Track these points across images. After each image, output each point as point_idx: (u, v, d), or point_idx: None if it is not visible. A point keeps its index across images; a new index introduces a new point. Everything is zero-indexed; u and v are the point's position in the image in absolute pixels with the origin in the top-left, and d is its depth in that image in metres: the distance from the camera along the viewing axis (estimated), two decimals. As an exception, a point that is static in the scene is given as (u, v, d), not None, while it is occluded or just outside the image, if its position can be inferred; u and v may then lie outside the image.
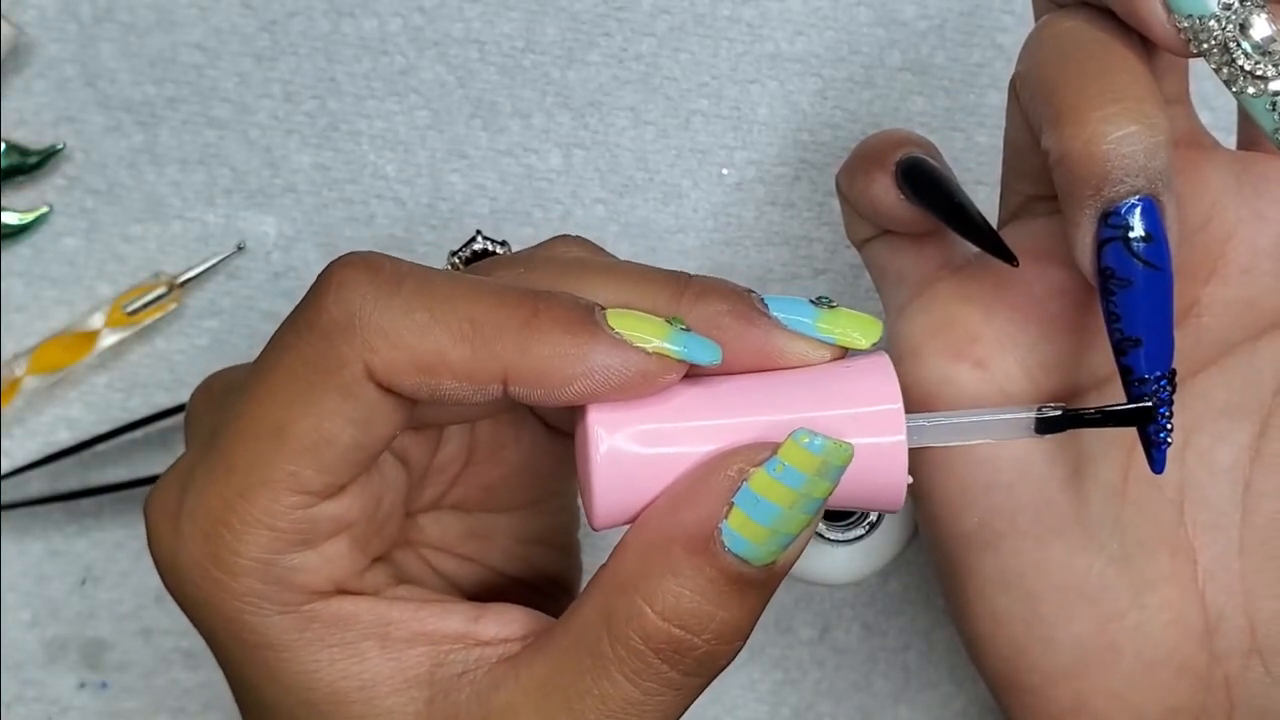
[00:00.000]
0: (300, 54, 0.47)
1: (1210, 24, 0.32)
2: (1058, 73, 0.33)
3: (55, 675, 0.47)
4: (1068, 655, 0.36)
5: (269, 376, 0.29)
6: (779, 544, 0.29)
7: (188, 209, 0.47)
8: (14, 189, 0.47)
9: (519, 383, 0.29)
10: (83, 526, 0.47)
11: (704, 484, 0.29)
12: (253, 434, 0.29)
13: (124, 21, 0.47)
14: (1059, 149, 0.32)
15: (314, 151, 0.47)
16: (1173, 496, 0.36)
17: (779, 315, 0.31)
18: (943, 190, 0.36)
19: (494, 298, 0.29)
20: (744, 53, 0.47)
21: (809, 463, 0.29)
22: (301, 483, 0.29)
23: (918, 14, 0.47)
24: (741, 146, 0.47)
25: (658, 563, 0.29)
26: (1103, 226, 0.32)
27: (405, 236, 0.47)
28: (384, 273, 0.29)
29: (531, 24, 0.47)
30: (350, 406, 0.29)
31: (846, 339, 0.31)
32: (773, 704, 0.47)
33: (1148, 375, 0.33)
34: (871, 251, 0.39)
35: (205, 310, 0.47)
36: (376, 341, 0.28)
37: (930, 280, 0.37)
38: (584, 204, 0.47)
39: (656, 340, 0.29)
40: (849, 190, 0.38)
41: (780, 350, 0.30)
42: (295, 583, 0.30)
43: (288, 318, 0.30)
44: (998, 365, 0.36)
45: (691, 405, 0.30)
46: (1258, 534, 0.36)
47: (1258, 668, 0.36)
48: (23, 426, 0.47)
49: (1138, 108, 0.32)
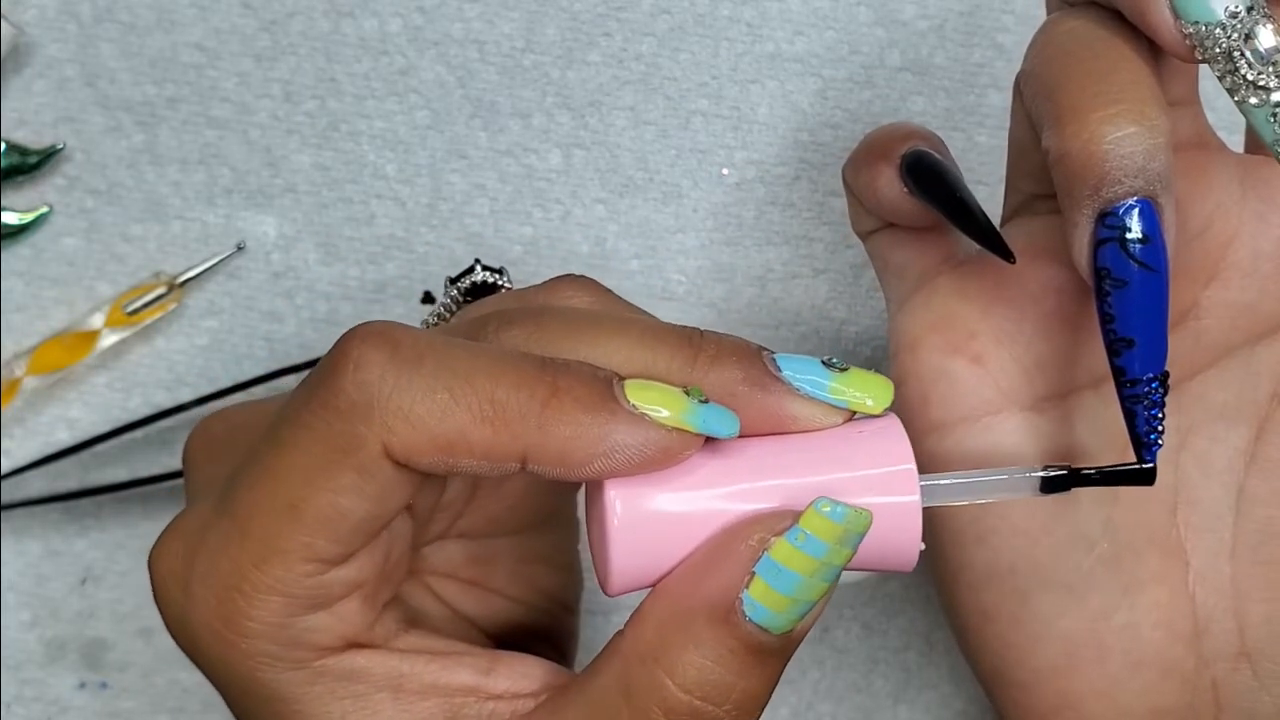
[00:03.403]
0: (300, 54, 0.47)
1: (1216, 32, 0.32)
2: (1060, 72, 0.33)
3: (55, 675, 0.47)
4: (1056, 652, 0.36)
5: (287, 453, 0.29)
6: (799, 612, 0.29)
7: (188, 209, 0.47)
8: (14, 189, 0.47)
9: (539, 462, 0.29)
10: (83, 526, 0.47)
11: (725, 553, 0.29)
12: (269, 507, 0.29)
13: (124, 21, 0.47)
14: (1059, 148, 0.32)
15: (314, 151, 0.47)
16: (1165, 498, 0.36)
17: (791, 376, 0.30)
18: (945, 185, 0.36)
19: (515, 375, 0.29)
20: (744, 53, 0.47)
21: (830, 531, 0.29)
22: (316, 553, 0.29)
23: (917, 14, 0.47)
24: (741, 146, 0.47)
25: (678, 634, 0.29)
26: (1100, 227, 0.32)
27: (405, 236, 0.47)
28: (403, 349, 0.29)
29: (531, 24, 0.47)
30: (366, 484, 0.29)
31: (858, 404, 0.31)
32: (772, 704, 0.47)
33: (1140, 376, 0.33)
34: (875, 244, 0.39)
35: (205, 310, 0.47)
36: (395, 423, 0.28)
37: (931, 274, 0.37)
38: (584, 204, 0.47)
39: (675, 413, 0.29)
40: (854, 182, 0.38)
41: (794, 417, 0.30)
42: (308, 642, 0.30)
43: (305, 386, 0.30)
44: (994, 361, 0.36)
45: (706, 471, 0.30)
46: (1249, 538, 0.36)
47: (1246, 671, 0.36)
48: (22, 426, 0.47)
49: (1138, 109, 0.32)
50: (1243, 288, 0.35)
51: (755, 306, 0.47)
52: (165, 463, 0.47)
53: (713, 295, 0.47)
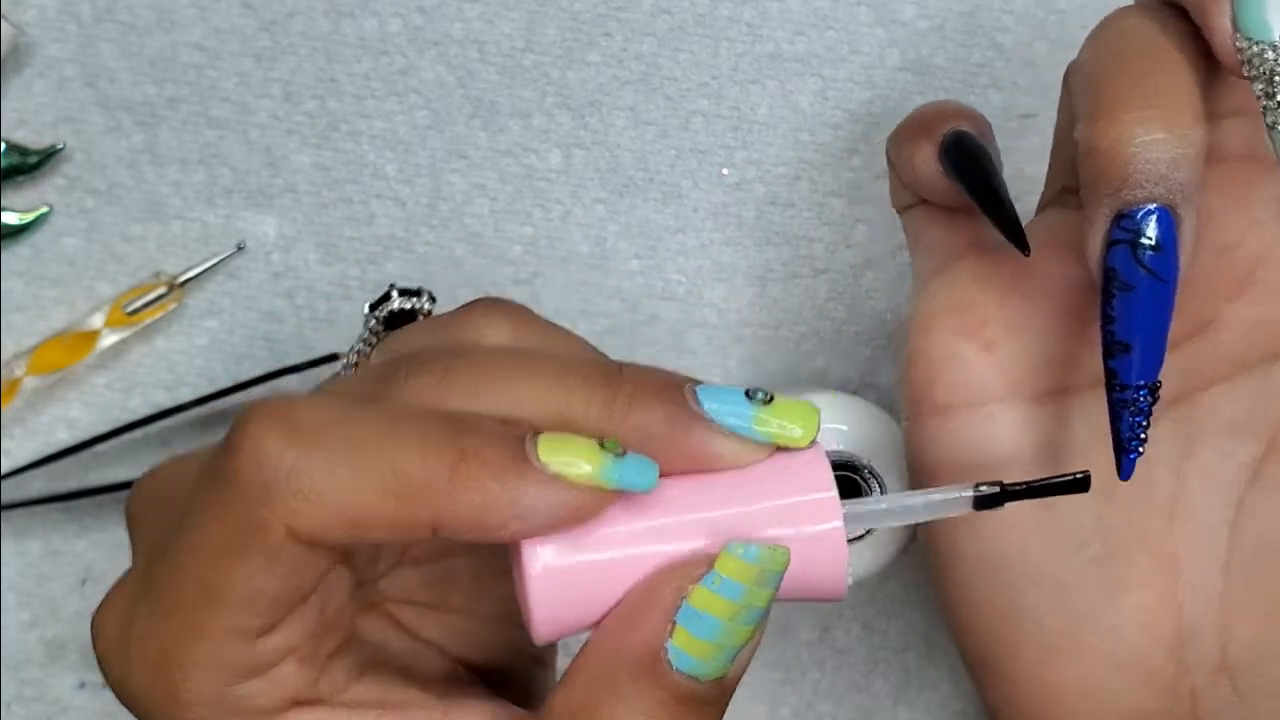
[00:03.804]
0: (300, 54, 0.47)
1: (1267, 53, 0.32)
2: (1105, 67, 0.33)
3: (55, 675, 0.47)
4: (1040, 646, 0.36)
5: (196, 535, 0.28)
6: (726, 657, 0.29)
7: (188, 209, 0.47)
8: (14, 189, 0.47)
9: (449, 529, 0.28)
10: (82, 526, 0.47)
11: (644, 605, 0.28)
12: (187, 588, 0.28)
13: (124, 21, 0.47)
14: (1088, 142, 0.32)
15: (314, 151, 0.47)
16: (1164, 505, 0.36)
17: (713, 410, 0.29)
18: (979, 169, 0.36)
19: (419, 443, 0.28)
20: (744, 53, 0.47)
21: (746, 573, 0.28)
22: (239, 628, 0.28)
23: (918, 14, 0.47)
24: (741, 146, 0.47)
25: (606, 692, 0.28)
26: (1115, 227, 0.32)
27: (405, 236, 0.47)
28: (301, 427, 0.28)
29: (531, 24, 0.47)
30: (275, 564, 0.28)
31: (784, 436, 0.30)
32: (772, 704, 0.47)
33: (1130, 383, 0.33)
34: (909, 219, 0.39)
35: (205, 310, 0.47)
36: (297, 504, 0.27)
37: (956, 257, 0.38)
38: (584, 204, 0.47)
39: (589, 467, 0.28)
40: (895, 155, 0.38)
41: (718, 455, 0.29)
42: (248, 707, 0.29)
43: (209, 465, 0.29)
44: (1004, 350, 0.36)
45: (624, 514, 0.29)
46: (1243, 554, 0.36)
47: (1226, 685, 0.36)
48: (22, 426, 0.47)
49: (1172, 116, 0.32)
50: (1267, 306, 0.35)
51: (755, 306, 0.47)
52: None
53: (713, 295, 0.47)
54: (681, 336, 0.47)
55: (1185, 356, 0.36)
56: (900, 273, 0.47)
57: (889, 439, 0.42)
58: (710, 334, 0.47)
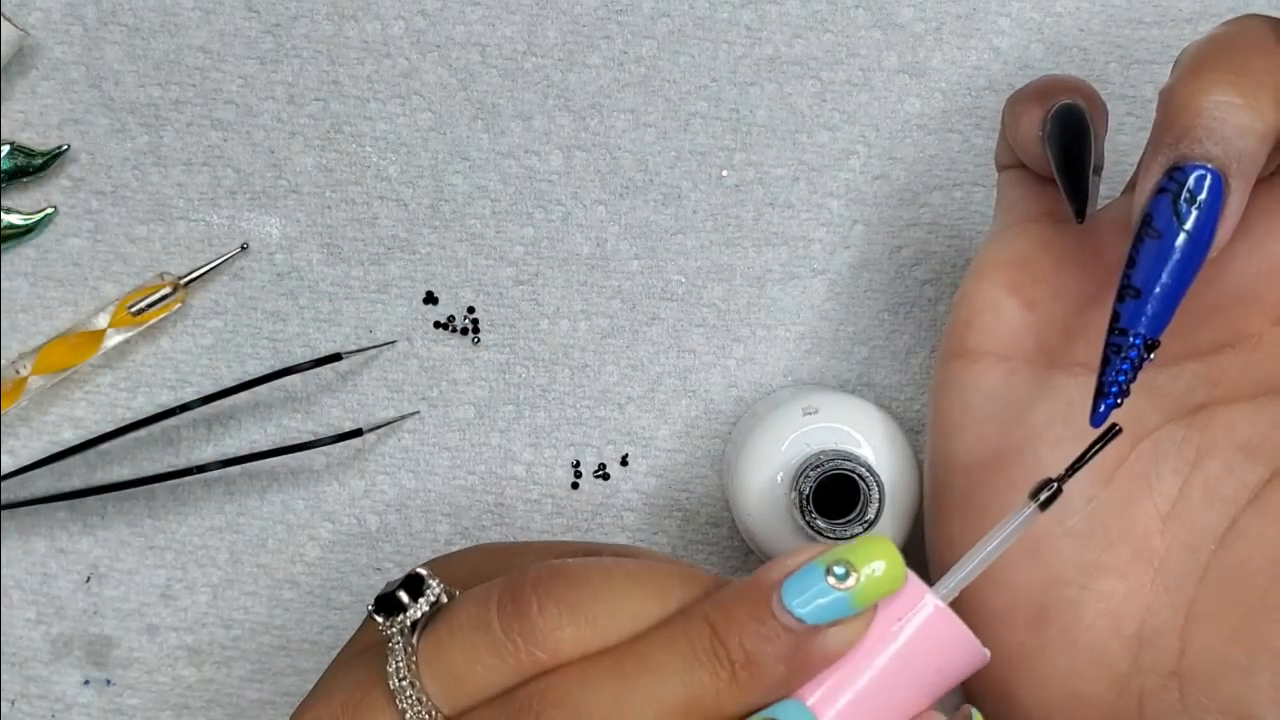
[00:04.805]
0: (304, 56, 0.47)
1: None
2: (1210, 42, 0.33)
3: (60, 672, 0.47)
4: (1003, 603, 0.37)
5: None
6: None
7: (192, 210, 0.47)
8: (19, 190, 0.47)
9: None
10: (87, 525, 0.47)
11: None
12: None
13: (128, 24, 0.47)
14: (1166, 89, 0.33)
15: (317, 153, 0.47)
16: (1161, 504, 0.37)
17: (810, 612, 0.30)
18: (1074, 143, 0.36)
19: None
20: (743, 55, 0.47)
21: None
22: None
23: (915, 16, 0.47)
24: (740, 148, 0.47)
25: None
26: (1166, 177, 0.32)
27: (407, 237, 0.47)
28: None
29: (532, 27, 0.47)
30: None
31: (879, 591, 0.30)
32: (771, 701, 0.47)
33: (1129, 329, 0.33)
34: (1004, 178, 0.40)
35: (209, 310, 0.47)
36: None
37: (1030, 218, 0.38)
38: (584, 205, 0.47)
39: None
40: (1008, 115, 0.38)
41: (837, 654, 0.30)
42: None
43: None
44: (1045, 311, 0.37)
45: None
46: (1223, 570, 0.36)
47: (1174, 691, 0.36)
48: (28, 425, 0.47)
49: (1254, 90, 0.32)
50: None
51: (754, 306, 0.47)
52: (169, 461, 0.47)
53: (712, 295, 0.47)
54: (681, 336, 0.47)
55: (1217, 366, 0.36)
56: (898, 273, 0.47)
57: (889, 439, 0.42)
58: (710, 334, 0.47)
